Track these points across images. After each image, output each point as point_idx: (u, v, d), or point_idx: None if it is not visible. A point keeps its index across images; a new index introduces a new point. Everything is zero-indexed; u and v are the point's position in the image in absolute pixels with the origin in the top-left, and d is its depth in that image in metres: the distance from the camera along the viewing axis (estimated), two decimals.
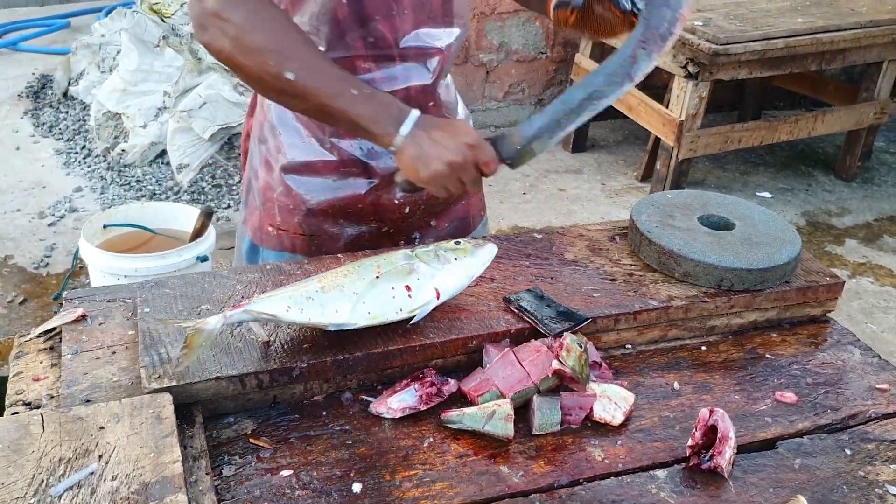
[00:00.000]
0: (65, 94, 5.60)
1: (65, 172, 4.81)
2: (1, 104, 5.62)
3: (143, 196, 4.51)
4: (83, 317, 1.52)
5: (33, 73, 6.06)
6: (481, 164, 1.55)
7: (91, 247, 3.08)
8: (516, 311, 1.53)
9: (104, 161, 4.85)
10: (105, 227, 3.32)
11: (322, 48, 1.64)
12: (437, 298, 1.48)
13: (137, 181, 4.65)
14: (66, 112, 5.45)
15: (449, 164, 1.51)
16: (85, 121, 5.25)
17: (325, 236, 1.85)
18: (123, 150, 4.77)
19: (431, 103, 1.78)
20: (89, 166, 4.84)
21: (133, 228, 3.37)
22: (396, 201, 1.84)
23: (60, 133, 5.24)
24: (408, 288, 1.46)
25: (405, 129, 1.51)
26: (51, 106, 5.58)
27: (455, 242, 1.55)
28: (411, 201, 1.85)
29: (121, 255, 3.04)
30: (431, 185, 1.54)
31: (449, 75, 1.92)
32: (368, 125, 1.51)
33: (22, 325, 3.49)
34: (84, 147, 5.03)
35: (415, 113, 1.52)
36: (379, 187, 1.81)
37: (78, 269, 3.75)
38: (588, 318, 1.52)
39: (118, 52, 5.14)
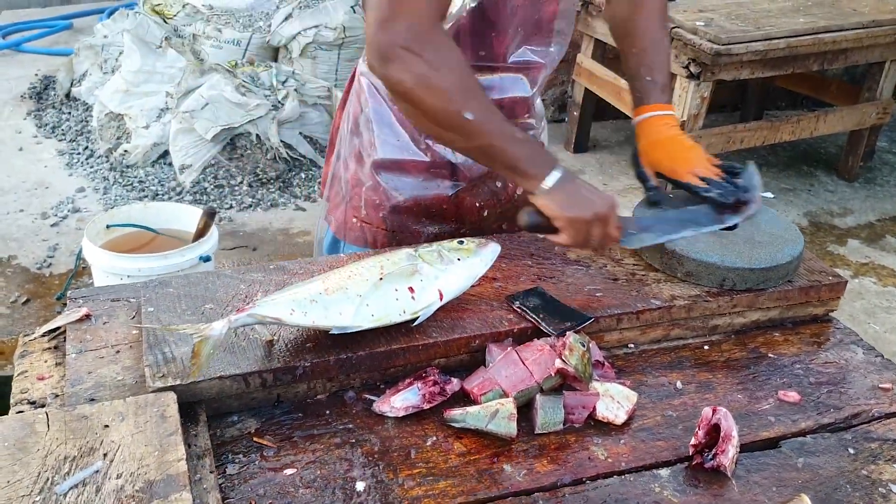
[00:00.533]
0: (67, 95, 5.61)
1: (67, 173, 4.82)
2: (4, 105, 5.63)
3: (146, 196, 4.52)
4: (87, 316, 1.52)
5: (36, 74, 6.07)
6: (613, 227, 1.58)
7: (94, 247, 3.09)
8: (519, 310, 1.54)
9: (107, 162, 4.86)
10: (108, 227, 3.33)
11: None
12: (441, 300, 1.48)
13: (140, 182, 4.66)
14: (69, 113, 5.45)
15: (594, 214, 1.54)
16: (87, 121, 5.25)
17: (407, 233, 1.90)
18: (126, 151, 4.78)
19: (527, 114, 1.87)
20: (92, 167, 4.85)
21: (136, 229, 3.37)
22: (477, 204, 1.92)
23: (63, 134, 5.24)
24: (411, 290, 1.46)
25: (557, 173, 1.54)
26: (53, 107, 5.59)
27: (458, 242, 1.55)
28: (490, 205, 1.93)
29: (124, 256, 3.05)
30: (570, 226, 1.55)
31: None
32: (527, 166, 1.55)
33: (25, 325, 3.49)
34: (87, 148, 5.04)
35: (558, 171, 1.56)
36: (464, 189, 1.88)
37: (81, 270, 3.75)
38: (591, 318, 1.53)
39: (121, 53, 5.15)
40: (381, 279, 1.45)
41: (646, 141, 1.79)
